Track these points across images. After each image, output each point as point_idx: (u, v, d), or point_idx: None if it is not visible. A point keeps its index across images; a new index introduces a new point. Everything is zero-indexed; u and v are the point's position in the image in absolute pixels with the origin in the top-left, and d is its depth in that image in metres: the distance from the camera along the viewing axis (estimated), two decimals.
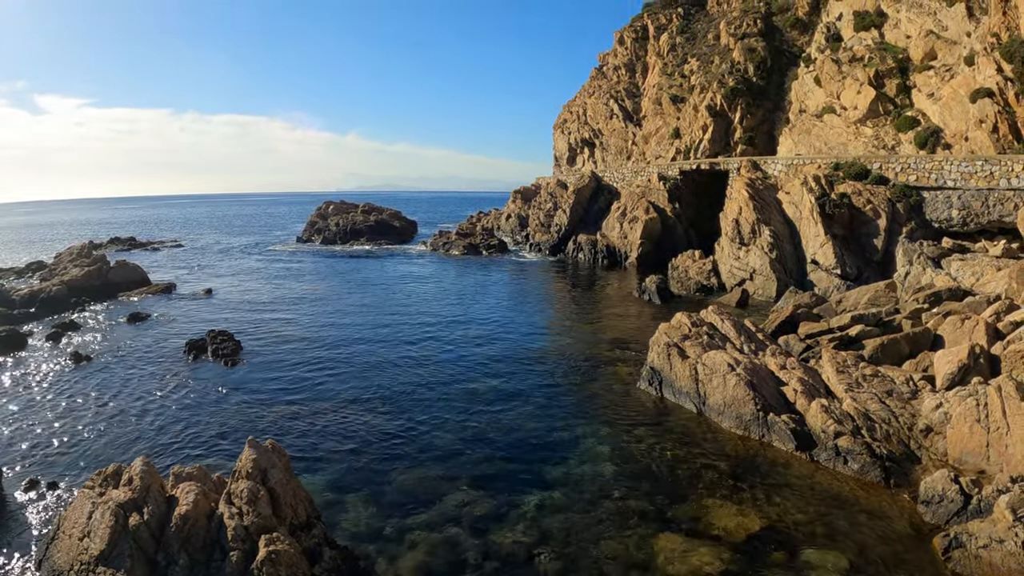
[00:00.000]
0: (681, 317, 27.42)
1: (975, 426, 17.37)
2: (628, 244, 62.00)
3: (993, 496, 14.82)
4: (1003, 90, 41.33)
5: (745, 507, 16.56)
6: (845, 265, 39.97)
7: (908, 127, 49.39)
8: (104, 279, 51.27)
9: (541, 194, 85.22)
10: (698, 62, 78.04)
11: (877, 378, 22.01)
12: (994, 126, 41.53)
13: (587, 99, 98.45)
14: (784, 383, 22.32)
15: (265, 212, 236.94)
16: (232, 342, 32.48)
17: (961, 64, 46.58)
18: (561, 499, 17.23)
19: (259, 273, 63.15)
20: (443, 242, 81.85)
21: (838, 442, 18.66)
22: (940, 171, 39.28)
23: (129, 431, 22.48)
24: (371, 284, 54.10)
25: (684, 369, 24.17)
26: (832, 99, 56.84)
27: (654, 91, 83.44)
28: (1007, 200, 35.55)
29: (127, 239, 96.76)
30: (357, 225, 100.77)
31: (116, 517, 12.28)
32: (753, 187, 47.50)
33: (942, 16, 49.95)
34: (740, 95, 67.64)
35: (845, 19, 60.94)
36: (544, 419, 23.18)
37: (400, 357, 31.37)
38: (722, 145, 68.53)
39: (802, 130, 60.71)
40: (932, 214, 39.27)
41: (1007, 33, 42.12)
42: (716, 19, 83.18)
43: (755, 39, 71.18)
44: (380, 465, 19.45)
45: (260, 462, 13.94)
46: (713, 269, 47.51)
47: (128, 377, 28.70)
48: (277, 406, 24.62)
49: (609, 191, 72.01)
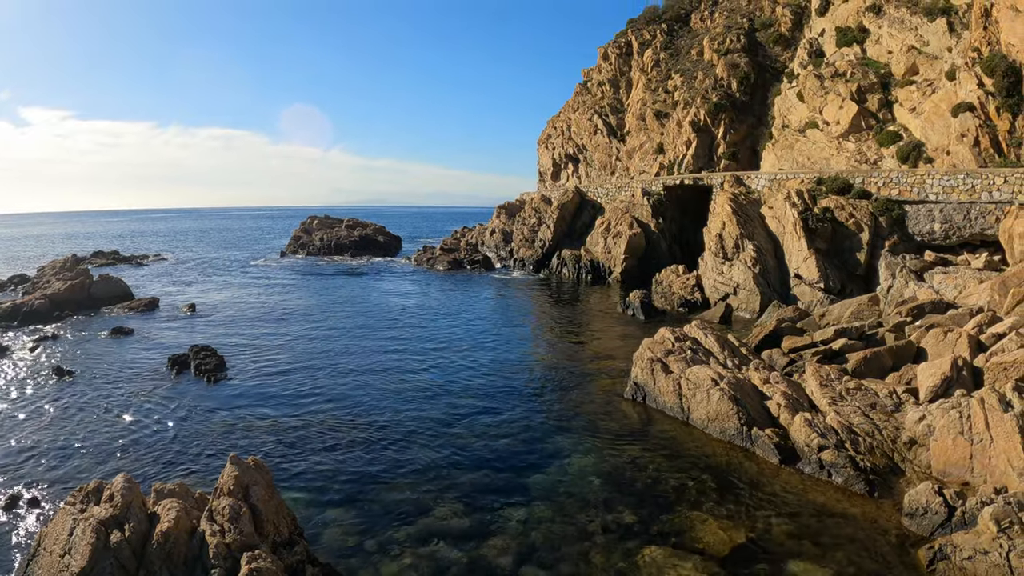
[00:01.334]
0: (664, 332, 27.44)
1: (958, 438, 17.40)
2: (612, 259, 62.02)
3: (977, 508, 14.84)
4: (984, 104, 41.72)
5: (730, 520, 16.52)
6: (828, 279, 40.11)
7: (890, 141, 49.76)
8: (87, 293, 50.87)
9: (525, 209, 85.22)
10: (682, 78, 78.47)
11: (860, 391, 22.05)
12: (975, 140, 41.91)
13: (571, 114, 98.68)
14: (768, 397, 22.34)
15: (249, 226, 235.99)
16: (215, 357, 32.19)
17: (942, 79, 47.03)
18: (546, 513, 17.13)
19: (243, 288, 62.77)
20: (427, 257, 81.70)
21: (822, 456, 18.66)
22: (922, 185, 39.53)
23: (110, 447, 22.20)
24: (355, 300, 53.88)
25: (668, 384, 24.16)
26: (815, 114, 57.23)
27: (638, 106, 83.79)
28: (988, 213, 35.81)
29: (110, 253, 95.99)
30: (341, 240, 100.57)
31: (97, 534, 12.08)
32: (736, 202, 47.67)
33: (923, 32, 50.47)
34: (723, 110, 68.07)
35: (828, 35, 61.52)
36: (528, 433, 23.09)
37: (383, 372, 31.21)
38: (706, 160, 68.86)
39: (785, 145, 61.06)
40: (914, 228, 39.49)
41: (988, 48, 42.58)
42: (699, 35, 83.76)
43: (738, 55, 71.74)
44: (363, 480, 19.29)
45: (242, 479, 13.78)
46: (697, 284, 47.58)
47: (110, 392, 28.38)
48: (260, 422, 24.40)
49: (593, 206, 72.07)
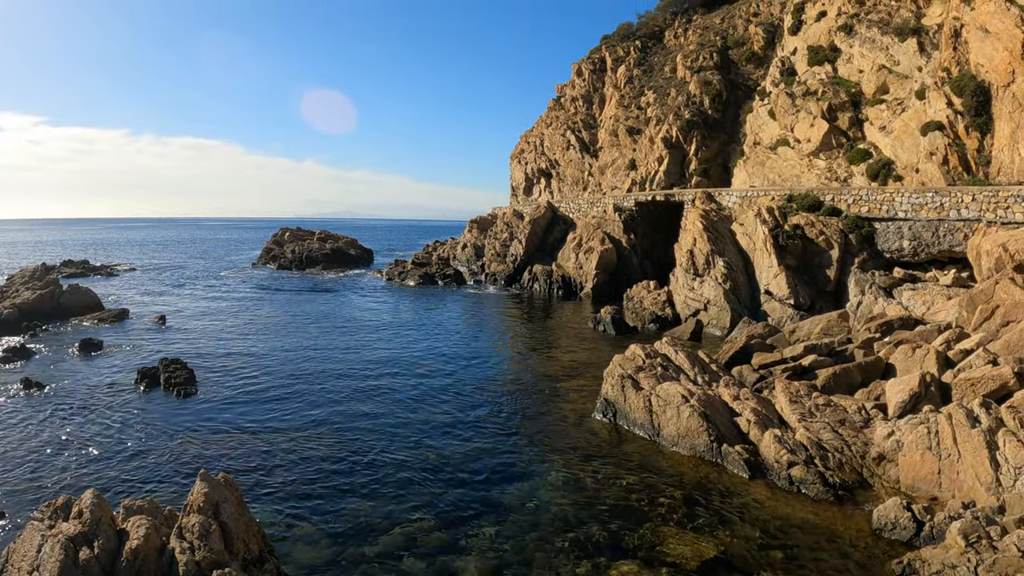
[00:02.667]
0: (635, 348, 27.29)
1: (927, 454, 17.37)
2: (584, 275, 62.01)
3: (945, 523, 14.81)
4: (953, 123, 42.11)
5: (700, 534, 16.34)
6: (798, 295, 40.22)
7: (860, 159, 50.11)
8: (56, 303, 50.00)
9: (497, 224, 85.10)
10: (655, 94, 78.88)
11: (830, 407, 21.98)
12: (944, 158, 42.27)
13: (544, 130, 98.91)
14: (738, 414, 22.22)
15: (221, 237, 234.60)
16: (185, 370, 31.57)
17: (912, 98, 47.47)
18: (516, 529, 16.87)
19: (213, 301, 62.05)
20: (399, 271, 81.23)
21: (791, 472, 18.55)
22: (891, 202, 39.79)
23: (78, 462, 21.62)
24: (325, 314, 53.32)
25: (638, 401, 23.98)
26: (786, 132, 57.58)
27: (611, 123, 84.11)
28: (957, 230, 36.08)
29: (80, 262, 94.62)
30: (313, 253, 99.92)
31: (66, 551, 11.76)
32: (707, 218, 47.78)
33: (894, 51, 50.97)
34: (696, 127, 68.42)
35: (799, 54, 61.99)
36: (499, 450, 22.81)
37: (353, 388, 30.79)
38: (677, 176, 69.11)
39: (756, 162, 61.38)
40: (884, 244, 39.72)
41: (957, 68, 43.02)
42: (673, 52, 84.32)
43: (711, 72, 72.21)
44: (334, 497, 18.92)
45: (212, 496, 13.48)
46: (668, 300, 47.55)
47: (78, 405, 27.70)
48: (229, 437, 23.90)
49: (565, 221, 72.11)
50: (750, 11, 79.56)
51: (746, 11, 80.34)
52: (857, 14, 55.73)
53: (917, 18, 51.09)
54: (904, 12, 52.32)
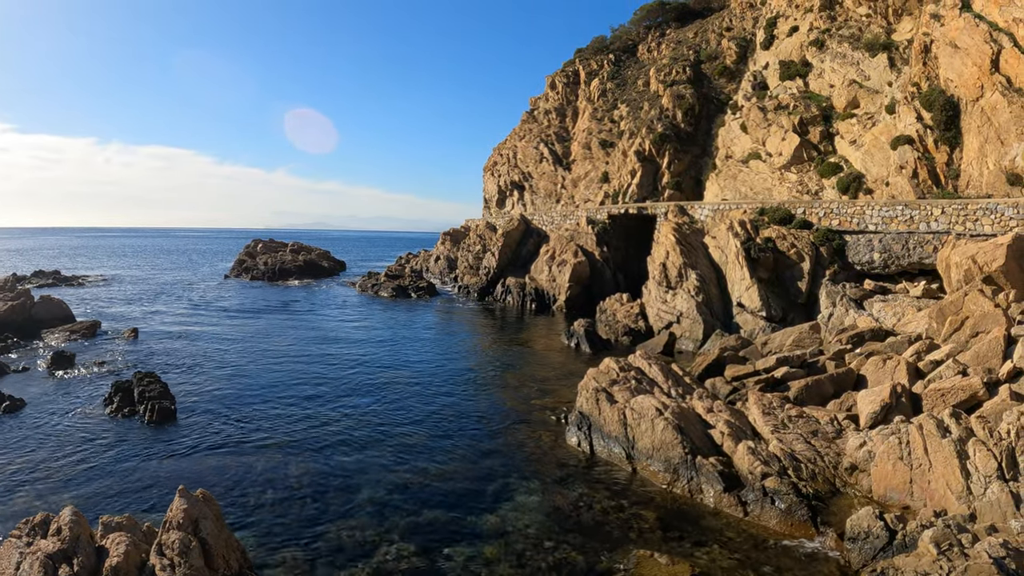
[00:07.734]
0: (609, 362, 27.26)
1: (898, 463, 17.45)
2: (557, 287, 62.04)
3: (917, 531, 14.85)
4: (923, 137, 42.62)
5: (675, 556, 16.17)
6: (770, 307, 40.44)
7: (831, 173, 50.60)
8: (27, 315, 49.12)
9: (470, 236, 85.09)
10: (628, 108, 79.32)
11: (802, 419, 22.08)
12: (914, 172, 42.75)
13: (517, 142, 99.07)
14: (711, 426, 22.22)
15: (193, 248, 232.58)
16: (159, 384, 30.87)
17: (882, 112, 48.05)
18: (492, 552, 16.67)
19: (186, 313, 61.33)
20: (372, 283, 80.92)
21: (765, 483, 18.56)
22: (862, 216, 40.15)
23: (53, 478, 21.20)
24: (299, 327, 52.86)
25: (613, 414, 23.93)
26: (758, 145, 58.04)
27: (584, 135, 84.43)
28: (926, 243, 36.44)
29: (51, 272, 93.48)
30: (286, 264, 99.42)
31: (45, 568, 11.64)
32: (680, 232, 47.98)
33: (864, 66, 51.59)
34: (668, 141, 68.76)
35: (771, 68, 62.57)
36: (473, 469, 22.60)
37: (326, 404, 30.43)
38: (650, 189, 69.39)
39: (728, 175, 61.80)
40: (854, 257, 40.03)
41: (927, 83, 43.56)
42: (646, 66, 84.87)
43: (684, 86, 72.62)
44: (310, 516, 18.69)
45: (191, 512, 13.32)
46: (641, 312, 47.64)
47: (51, 422, 27.15)
48: (206, 455, 23.53)
49: (538, 234, 72.18)
50: (723, 26, 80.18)
51: (719, 25, 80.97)
52: (828, 29, 56.39)
53: (887, 34, 51.79)
54: (875, 28, 53.00)
